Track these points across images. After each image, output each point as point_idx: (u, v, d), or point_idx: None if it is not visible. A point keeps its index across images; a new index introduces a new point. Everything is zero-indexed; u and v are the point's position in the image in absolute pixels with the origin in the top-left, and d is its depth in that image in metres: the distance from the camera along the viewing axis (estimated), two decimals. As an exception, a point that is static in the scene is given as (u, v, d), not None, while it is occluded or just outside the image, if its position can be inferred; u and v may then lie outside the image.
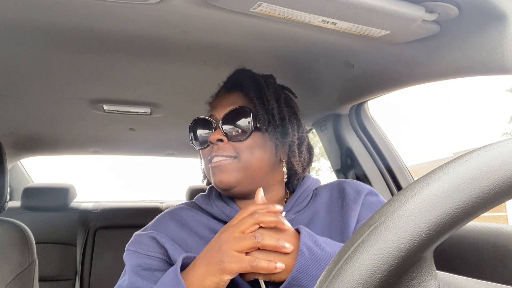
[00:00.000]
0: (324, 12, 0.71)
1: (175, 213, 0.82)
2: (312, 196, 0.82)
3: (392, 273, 0.26)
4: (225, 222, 0.77)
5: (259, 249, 0.59)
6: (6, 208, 1.23)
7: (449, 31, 0.78)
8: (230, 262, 0.57)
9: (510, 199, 0.28)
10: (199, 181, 0.90)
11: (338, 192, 0.81)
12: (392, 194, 1.37)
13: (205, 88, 1.30)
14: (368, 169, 1.40)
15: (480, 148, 0.29)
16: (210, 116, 0.80)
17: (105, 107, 1.46)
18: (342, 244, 0.65)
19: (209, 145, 0.79)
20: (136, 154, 2.49)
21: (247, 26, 0.84)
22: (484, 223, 0.93)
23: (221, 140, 0.76)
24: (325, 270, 0.29)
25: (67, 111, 1.52)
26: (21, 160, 2.50)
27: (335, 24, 0.75)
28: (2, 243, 1.10)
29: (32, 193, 2.12)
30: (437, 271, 0.29)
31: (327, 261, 0.59)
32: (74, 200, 2.27)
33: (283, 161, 0.82)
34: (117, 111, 1.50)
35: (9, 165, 1.89)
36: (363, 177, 1.41)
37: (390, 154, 1.39)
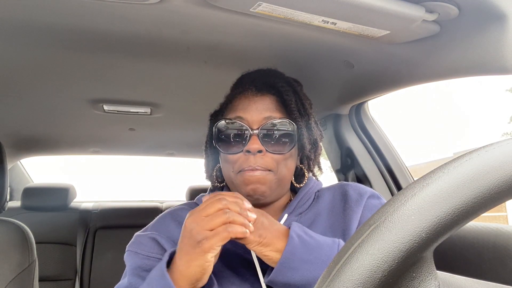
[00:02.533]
0: (324, 12, 0.71)
1: (176, 213, 0.81)
2: (314, 199, 0.82)
3: (392, 273, 0.26)
4: None
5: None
6: (6, 208, 1.23)
7: (449, 31, 0.78)
8: (207, 239, 0.58)
9: (510, 199, 0.28)
10: (199, 181, 0.90)
11: (340, 194, 0.81)
12: (392, 194, 1.37)
13: (205, 88, 1.31)
14: (368, 169, 1.40)
15: (480, 148, 0.29)
16: (237, 118, 0.76)
17: (105, 107, 1.46)
18: (331, 239, 0.67)
19: (240, 152, 0.75)
20: (136, 154, 2.49)
21: (247, 26, 0.84)
22: (484, 223, 0.93)
23: (261, 151, 0.73)
24: (325, 270, 0.29)
25: (67, 111, 1.52)
26: (21, 160, 2.50)
27: (335, 24, 0.75)
28: (2, 243, 1.10)
29: (32, 193, 2.12)
30: (437, 271, 0.29)
31: (315, 247, 0.63)
32: (74, 200, 2.28)
33: (300, 166, 0.82)
34: (117, 111, 1.50)
35: (9, 165, 1.89)
36: (363, 177, 1.41)
37: (390, 154, 1.39)
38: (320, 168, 0.86)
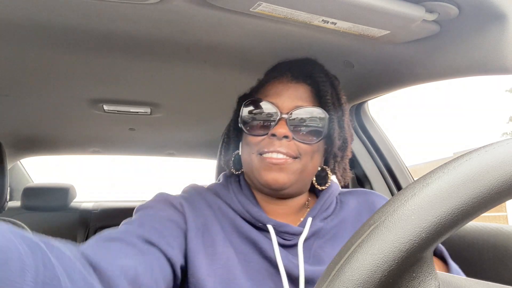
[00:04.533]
0: (324, 12, 0.71)
1: (204, 194, 0.75)
2: (337, 203, 0.78)
3: (392, 273, 0.26)
4: (249, 223, 0.71)
5: None
6: (6, 208, 1.23)
7: (449, 31, 0.78)
8: None
9: (510, 199, 0.28)
10: (199, 181, 0.89)
11: (366, 203, 0.78)
12: (392, 194, 1.37)
13: (205, 88, 1.30)
14: (368, 169, 1.40)
15: (480, 148, 0.29)
16: (270, 102, 0.72)
17: (105, 107, 1.46)
18: None
19: (265, 134, 0.71)
20: (136, 154, 2.49)
21: (247, 26, 0.84)
22: (484, 223, 0.93)
23: (287, 137, 0.69)
24: (325, 270, 0.28)
25: (67, 111, 1.52)
26: (21, 160, 2.50)
27: (335, 24, 0.75)
28: (2, 243, 1.10)
29: (32, 193, 2.12)
30: (437, 271, 0.29)
31: None
32: (74, 200, 2.28)
33: (323, 167, 0.77)
34: (117, 111, 1.50)
35: (9, 165, 1.89)
36: (363, 177, 1.41)
37: (390, 154, 1.39)
38: (345, 170, 0.79)
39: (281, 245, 0.68)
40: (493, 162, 0.28)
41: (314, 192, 0.82)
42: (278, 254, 0.66)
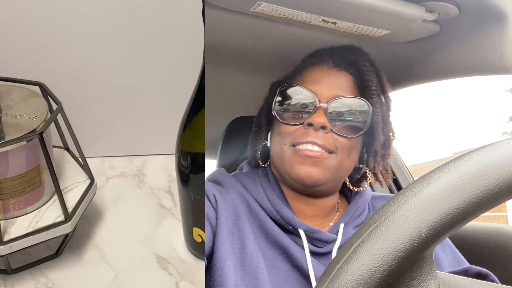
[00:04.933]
0: (324, 12, 0.71)
1: (234, 185, 0.68)
2: (369, 209, 0.72)
3: (392, 273, 0.26)
4: (281, 226, 0.64)
5: None
6: (6, 208, 1.23)
7: (449, 31, 0.78)
8: None
9: (510, 199, 0.28)
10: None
11: None
12: (392, 194, 1.37)
13: (205, 88, 1.30)
14: (368, 169, 1.40)
15: (480, 148, 0.29)
16: (307, 89, 0.66)
17: (105, 107, 1.46)
18: None
19: (300, 124, 0.64)
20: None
21: (247, 26, 0.84)
22: (484, 223, 0.93)
23: (324, 128, 0.63)
24: (325, 270, 0.29)
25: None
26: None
27: (335, 24, 0.75)
28: (2, 243, 1.10)
29: (32, 193, 2.12)
30: (437, 271, 0.29)
31: None
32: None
33: (360, 166, 0.69)
34: (118, 110, 1.50)
35: (9, 165, 1.89)
36: (363, 177, 1.41)
37: (390, 154, 1.39)
38: (387, 171, 0.71)
39: (311, 253, 0.63)
40: (494, 162, 0.28)
41: (344, 193, 0.75)
42: (310, 264, 0.60)
